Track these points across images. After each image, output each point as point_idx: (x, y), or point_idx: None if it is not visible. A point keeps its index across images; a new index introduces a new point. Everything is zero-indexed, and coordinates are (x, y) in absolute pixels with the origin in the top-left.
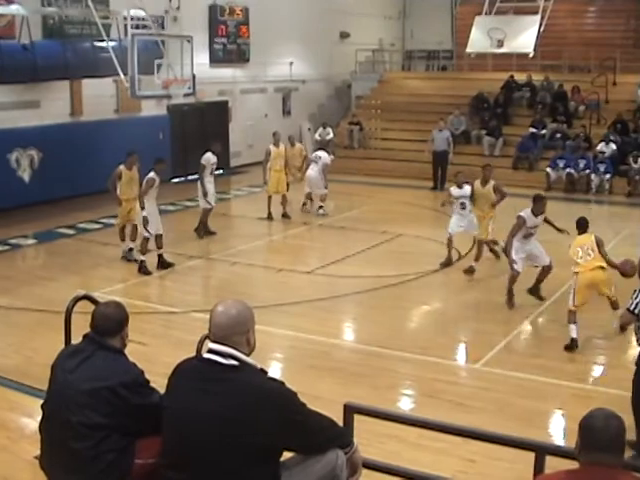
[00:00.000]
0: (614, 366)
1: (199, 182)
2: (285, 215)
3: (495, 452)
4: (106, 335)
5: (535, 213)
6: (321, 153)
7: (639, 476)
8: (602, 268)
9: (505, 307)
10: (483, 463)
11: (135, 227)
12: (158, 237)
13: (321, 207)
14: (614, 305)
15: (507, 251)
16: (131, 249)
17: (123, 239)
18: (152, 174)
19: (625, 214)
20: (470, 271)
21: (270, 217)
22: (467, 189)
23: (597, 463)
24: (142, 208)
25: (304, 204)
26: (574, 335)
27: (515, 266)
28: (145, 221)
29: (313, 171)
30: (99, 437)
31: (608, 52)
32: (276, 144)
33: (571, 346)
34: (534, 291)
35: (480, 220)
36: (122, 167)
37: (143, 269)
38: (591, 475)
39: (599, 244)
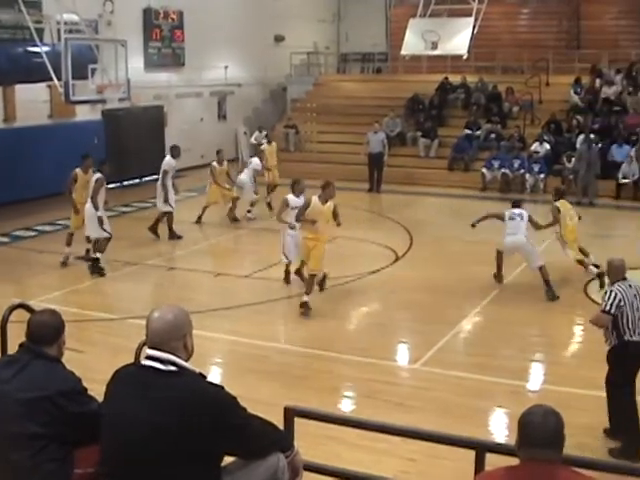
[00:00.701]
0: (553, 363)
1: (160, 186)
2: (235, 219)
3: (436, 451)
4: (42, 344)
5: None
6: (253, 159)
7: (578, 470)
8: None
9: (444, 307)
10: (424, 462)
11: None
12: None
13: (249, 211)
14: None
15: None
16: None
17: (69, 244)
18: (100, 175)
19: None
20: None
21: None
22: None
23: (536, 459)
24: (96, 209)
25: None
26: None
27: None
28: (100, 221)
29: (245, 175)
30: (37, 447)
31: (541, 53)
32: (220, 162)
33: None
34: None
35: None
36: (78, 170)
37: (97, 269)
38: (530, 471)
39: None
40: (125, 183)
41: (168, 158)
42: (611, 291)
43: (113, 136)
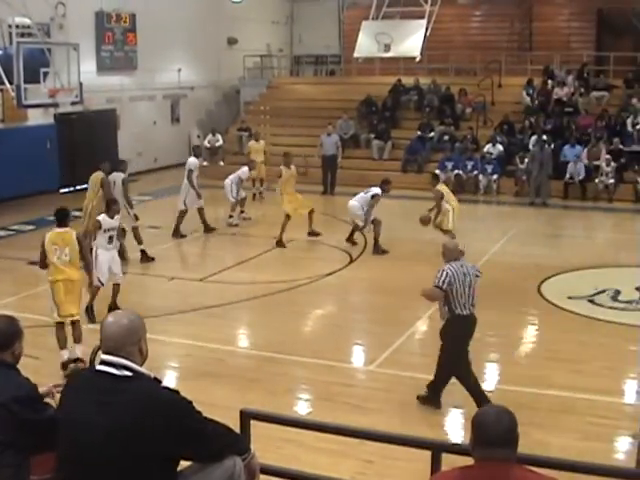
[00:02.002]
0: (507, 363)
1: (189, 186)
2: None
3: (393, 452)
4: None
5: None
6: (244, 167)
7: (532, 469)
8: None
9: (398, 308)
10: (381, 464)
11: None
12: None
13: (231, 216)
14: None
15: None
16: None
17: None
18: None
19: (513, 213)
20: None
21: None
22: (118, 219)
23: (491, 458)
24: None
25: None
26: None
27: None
28: None
29: (229, 179)
30: None
31: (493, 55)
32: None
33: None
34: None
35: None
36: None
37: None
38: (485, 470)
39: None
40: (78, 187)
41: (192, 158)
42: (443, 270)
43: (66, 140)
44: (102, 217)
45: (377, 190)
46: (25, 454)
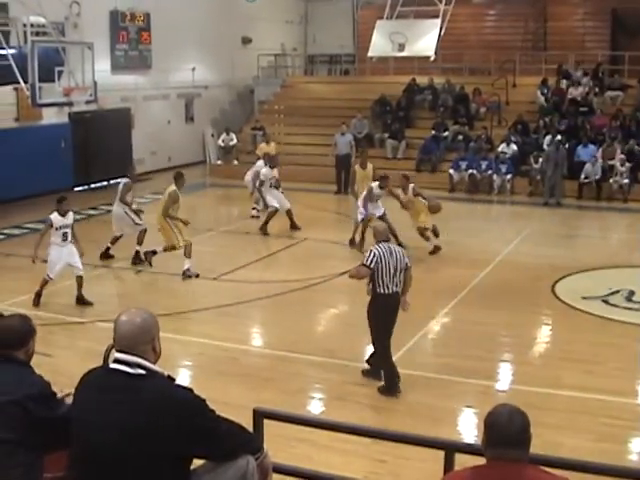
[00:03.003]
0: (521, 363)
1: (258, 195)
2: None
3: (405, 452)
4: (11, 348)
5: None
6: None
7: (545, 469)
8: None
9: (412, 308)
10: (394, 463)
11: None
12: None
13: (254, 208)
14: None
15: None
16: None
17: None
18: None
19: (527, 213)
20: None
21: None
22: (71, 217)
23: (503, 458)
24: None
25: None
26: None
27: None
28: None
29: (248, 175)
30: (5, 452)
31: (508, 54)
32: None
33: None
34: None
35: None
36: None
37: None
38: (497, 470)
39: None
40: (92, 186)
41: (266, 169)
42: (372, 250)
43: (80, 139)
44: (54, 215)
45: (372, 184)
46: (38, 452)
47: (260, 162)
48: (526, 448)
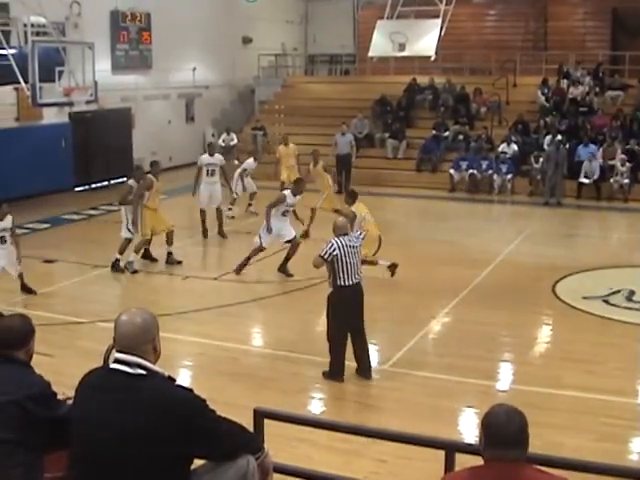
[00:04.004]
0: (521, 363)
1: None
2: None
3: (406, 452)
4: (11, 348)
5: (294, 193)
6: (249, 159)
7: (543, 469)
8: None
9: (413, 308)
10: (394, 463)
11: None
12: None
13: (230, 209)
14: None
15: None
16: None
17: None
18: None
19: (527, 213)
20: None
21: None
22: (9, 220)
23: (501, 459)
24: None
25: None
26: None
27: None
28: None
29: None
30: (5, 452)
31: (508, 54)
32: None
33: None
34: (283, 268)
35: None
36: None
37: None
38: (495, 470)
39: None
40: (93, 186)
41: (288, 192)
42: (331, 241)
43: (81, 139)
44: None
45: (285, 192)
46: (38, 452)
47: (250, 160)
48: (524, 448)
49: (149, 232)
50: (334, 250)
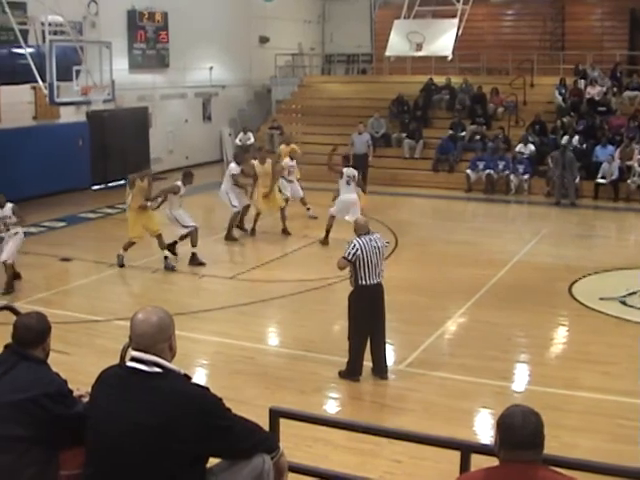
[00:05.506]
0: (537, 364)
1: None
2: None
3: (421, 452)
4: (28, 346)
5: (185, 184)
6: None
7: (558, 470)
8: None
9: (429, 308)
10: (410, 463)
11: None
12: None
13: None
14: None
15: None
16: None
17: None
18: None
19: (544, 214)
20: None
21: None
22: (8, 208)
23: (516, 460)
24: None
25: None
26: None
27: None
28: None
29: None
30: (21, 450)
31: (525, 54)
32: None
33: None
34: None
35: None
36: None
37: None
38: (510, 471)
39: None
40: (110, 184)
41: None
42: (352, 242)
43: (98, 137)
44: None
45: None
46: (54, 449)
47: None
48: (540, 449)
49: (139, 234)
50: (357, 250)
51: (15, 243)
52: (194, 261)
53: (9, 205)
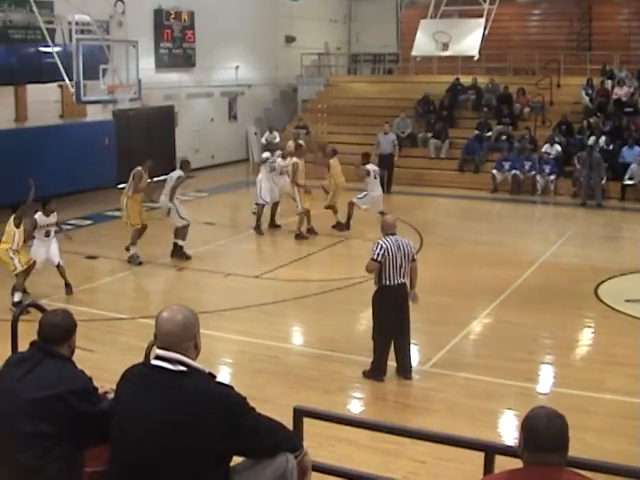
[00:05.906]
0: (562, 365)
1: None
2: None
3: (445, 453)
4: (54, 343)
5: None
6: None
7: (582, 473)
8: None
9: (454, 308)
10: (433, 464)
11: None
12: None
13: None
14: None
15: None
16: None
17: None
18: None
19: (570, 214)
20: None
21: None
22: (54, 217)
23: (540, 462)
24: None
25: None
26: None
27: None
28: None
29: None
30: (47, 446)
31: (552, 54)
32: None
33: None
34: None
35: None
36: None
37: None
38: (534, 474)
39: None
40: None
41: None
42: (378, 242)
43: (124, 136)
44: (38, 215)
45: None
46: (79, 446)
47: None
48: (564, 452)
49: (139, 221)
50: (384, 251)
51: (57, 244)
52: (178, 253)
53: (55, 214)
